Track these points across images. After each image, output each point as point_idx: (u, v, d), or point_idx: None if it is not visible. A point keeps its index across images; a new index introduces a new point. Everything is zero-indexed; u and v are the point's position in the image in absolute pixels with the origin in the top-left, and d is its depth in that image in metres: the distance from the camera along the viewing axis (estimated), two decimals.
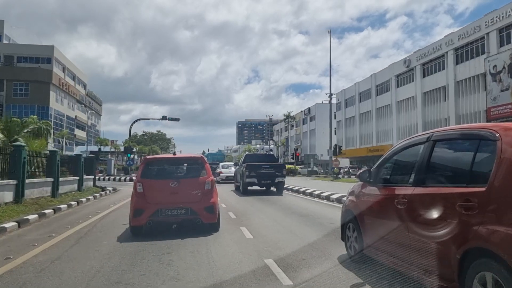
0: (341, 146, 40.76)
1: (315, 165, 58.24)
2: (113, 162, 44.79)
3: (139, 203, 7.42)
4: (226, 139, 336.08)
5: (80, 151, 45.31)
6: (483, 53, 35.79)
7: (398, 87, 50.83)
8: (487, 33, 35.31)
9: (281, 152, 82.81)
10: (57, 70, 63.34)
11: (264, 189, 18.83)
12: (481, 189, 3.03)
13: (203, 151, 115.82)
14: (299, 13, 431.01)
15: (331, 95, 44.96)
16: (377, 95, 55.78)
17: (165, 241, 6.83)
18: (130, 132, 37.87)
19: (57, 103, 63.23)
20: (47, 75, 59.41)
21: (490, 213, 2.92)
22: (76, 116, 71.51)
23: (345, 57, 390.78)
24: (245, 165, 18.09)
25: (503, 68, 32.14)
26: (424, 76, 45.29)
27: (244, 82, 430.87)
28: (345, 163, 57.58)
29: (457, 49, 39.61)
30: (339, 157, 37.74)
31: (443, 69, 41.63)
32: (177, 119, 38.92)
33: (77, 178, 17.94)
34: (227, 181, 25.71)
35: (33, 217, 9.40)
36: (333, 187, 19.63)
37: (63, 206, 11.89)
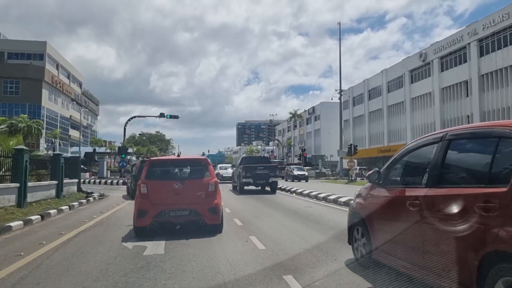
0: (356, 145, 37.33)
1: (323, 167, 55.20)
2: (105, 163, 41.36)
3: (143, 204, 7.42)
4: (226, 141, 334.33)
5: (72, 152, 42.40)
6: None
7: (412, 82, 47.70)
8: None
9: (283, 153, 79.61)
10: (50, 67, 60.25)
11: (259, 188, 20.11)
12: (502, 189, 2.87)
13: (203, 153, 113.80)
14: (298, 14, 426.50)
15: (341, 91, 41.92)
16: (389, 92, 52.74)
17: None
18: (124, 131, 34.82)
19: (50, 102, 60.15)
20: (39, 72, 56.40)
21: None
22: (71, 116, 68.42)
23: (345, 59, 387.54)
24: (241, 166, 19.56)
25: None
26: (442, 70, 42.15)
27: (243, 83, 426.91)
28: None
29: (481, 40, 36.49)
30: (349, 157, 34.19)
31: (465, 62, 38.50)
32: (176, 117, 37.73)
33: (55, 182, 14.95)
34: (224, 181, 27.31)
35: None
36: (351, 191, 16.39)
37: (16, 223, 8.50)
